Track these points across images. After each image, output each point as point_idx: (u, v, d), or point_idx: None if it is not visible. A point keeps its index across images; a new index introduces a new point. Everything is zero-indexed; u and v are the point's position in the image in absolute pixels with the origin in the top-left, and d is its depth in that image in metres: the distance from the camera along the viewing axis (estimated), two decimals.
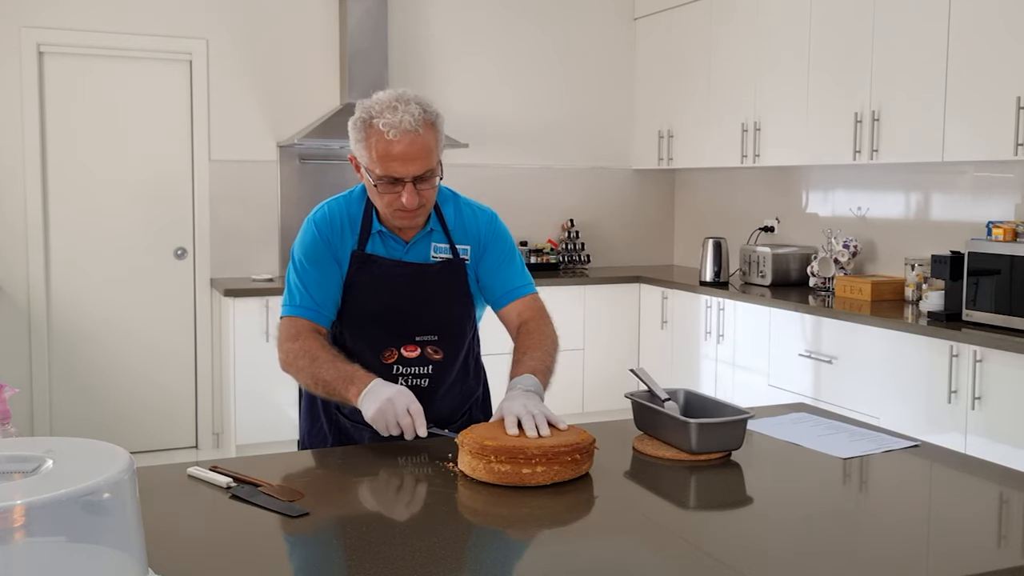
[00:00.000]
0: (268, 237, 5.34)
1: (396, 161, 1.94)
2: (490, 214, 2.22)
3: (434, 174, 2.00)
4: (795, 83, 4.73)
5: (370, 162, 1.97)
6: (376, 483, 1.77)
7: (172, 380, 5.26)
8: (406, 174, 1.95)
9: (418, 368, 2.10)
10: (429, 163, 1.97)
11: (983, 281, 3.66)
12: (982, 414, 3.47)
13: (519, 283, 2.20)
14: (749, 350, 4.67)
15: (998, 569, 1.35)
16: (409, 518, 1.59)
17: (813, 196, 5.20)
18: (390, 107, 1.93)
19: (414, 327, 2.10)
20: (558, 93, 5.97)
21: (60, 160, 5.00)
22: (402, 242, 2.11)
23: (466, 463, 1.71)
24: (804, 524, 1.55)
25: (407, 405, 1.86)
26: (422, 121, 1.94)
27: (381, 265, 2.09)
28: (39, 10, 4.89)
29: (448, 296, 2.13)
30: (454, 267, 2.13)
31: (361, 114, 1.98)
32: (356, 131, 1.99)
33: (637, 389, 2.09)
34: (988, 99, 3.73)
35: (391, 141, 1.92)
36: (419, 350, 2.10)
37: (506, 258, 2.20)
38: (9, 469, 1.09)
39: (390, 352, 2.09)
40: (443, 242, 2.13)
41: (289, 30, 5.35)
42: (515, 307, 2.18)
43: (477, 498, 1.62)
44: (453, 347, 2.14)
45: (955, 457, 1.97)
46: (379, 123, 1.93)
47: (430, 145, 1.97)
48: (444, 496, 1.64)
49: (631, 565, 1.39)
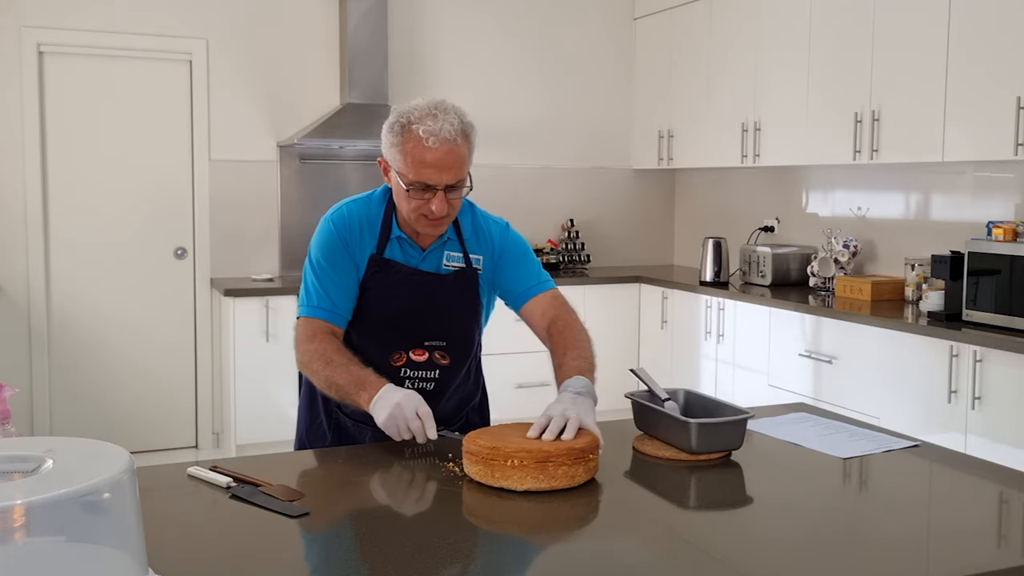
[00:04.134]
0: (268, 237, 5.34)
1: (431, 168, 1.95)
2: (503, 223, 2.24)
3: (463, 184, 2.01)
4: (795, 83, 4.73)
5: (404, 167, 1.97)
6: (376, 483, 1.78)
7: (172, 380, 5.26)
8: (439, 182, 1.96)
9: (425, 372, 2.12)
10: (461, 174, 1.99)
11: (983, 281, 3.66)
12: (982, 414, 3.47)
13: (537, 280, 2.21)
14: (749, 350, 4.67)
15: (998, 569, 1.35)
16: (409, 518, 1.59)
17: (813, 196, 5.20)
18: (430, 114, 1.94)
19: (424, 333, 2.12)
20: (558, 93, 5.97)
21: (60, 160, 5.00)
22: (419, 249, 2.12)
23: (467, 469, 1.71)
24: (804, 524, 1.55)
25: (416, 408, 1.87)
26: (460, 131, 1.96)
27: (399, 271, 2.11)
28: (39, 10, 4.89)
29: (459, 305, 2.15)
30: (467, 277, 2.15)
31: (398, 119, 1.98)
32: (392, 135, 1.99)
33: (637, 389, 2.09)
34: (988, 99, 3.73)
35: (428, 148, 1.93)
36: (427, 354, 2.12)
37: (521, 259, 2.21)
38: (9, 469, 1.09)
39: (399, 355, 2.11)
40: (457, 251, 2.15)
41: (289, 30, 5.35)
42: (537, 304, 2.18)
43: (477, 498, 1.63)
44: (460, 353, 2.17)
45: (955, 457, 1.97)
46: (418, 129, 1.94)
47: (464, 156, 1.99)
48: (444, 496, 1.64)
49: (631, 565, 1.39)
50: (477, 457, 1.66)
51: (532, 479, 1.63)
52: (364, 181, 5.52)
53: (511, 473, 1.63)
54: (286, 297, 4.82)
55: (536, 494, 1.63)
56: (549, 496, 1.62)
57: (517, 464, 1.62)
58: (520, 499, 1.61)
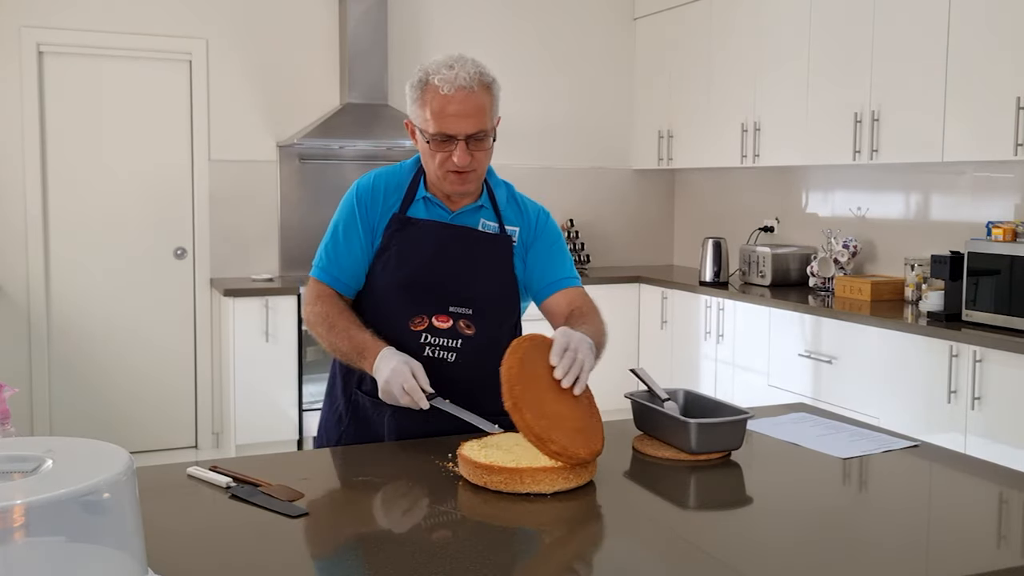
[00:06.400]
0: (268, 237, 5.34)
1: (450, 118, 1.93)
2: (543, 208, 2.20)
3: (487, 135, 1.98)
4: (795, 83, 4.73)
5: (424, 121, 1.96)
6: (376, 483, 1.77)
7: (172, 380, 5.26)
8: (459, 131, 1.93)
9: (447, 340, 2.01)
10: (482, 123, 1.95)
11: (983, 281, 3.66)
12: (982, 414, 3.47)
13: (568, 274, 2.15)
14: (749, 350, 4.67)
15: (998, 569, 1.34)
16: (409, 518, 1.59)
17: (813, 196, 5.20)
18: (446, 65, 1.95)
19: (448, 296, 2.02)
20: (558, 93, 5.97)
21: (60, 160, 5.00)
22: (448, 210, 2.06)
23: (465, 472, 1.70)
24: (804, 524, 1.55)
25: (401, 383, 1.85)
26: (477, 80, 1.95)
27: (421, 227, 2.04)
28: (39, 10, 4.89)
29: (489, 268, 2.06)
30: (500, 241, 2.07)
31: (418, 74, 1.99)
32: (412, 91, 1.99)
33: (637, 389, 2.09)
34: (988, 99, 3.73)
35: (445, 97, 1.92)
36: (451, 322, 2.01)
37: (556, 249, 2.15)
38: (9, 469, 1.09)
39: (420, 319, 2.01)
40: (492, 219, 2.09)
41: (289, 30, 5.35)
42: (564, 297, 2.12)
43: (476, 498, 1.62)
44: (488, 325, 2.04)
45: (955, 457, 1.97)
46: (435, 79, 1.94)
47: (484, 105, 1.95)
48: (444, 496, 1.64)
49: (631, 565, 1.39)
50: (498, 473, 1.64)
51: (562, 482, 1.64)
52: None
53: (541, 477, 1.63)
54: (286, 297, 4.83)
55: (536, 494, 1.62)
56: (549, 496, 1.62)
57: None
58: (520, 499, 1.61)
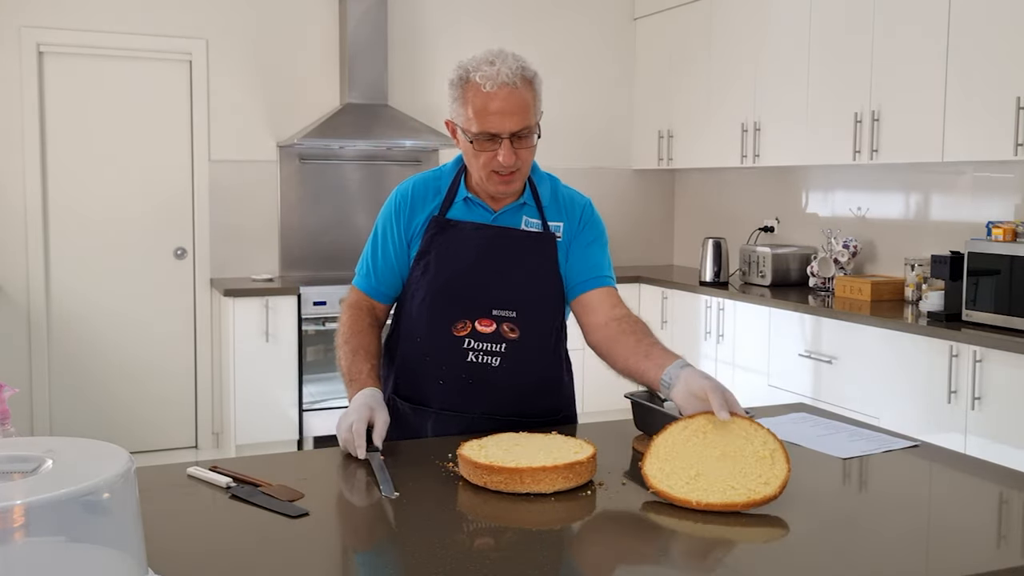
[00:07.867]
0: (268, 237, 5.34)
1: (493, 116, 1.87)
2: (588, 200, 2.15)
3: (531, 132, 1.92)
4: (795, 83, 4.73)
5: (466, 120, 1.90)
6: (376, 483, 1.77)
7: (172, 380, 5.26)
8: (503, 129, 1.88)
9: (491, 345, 1.98)
10: (527, 120, 1.90)
11: (983, 281, 3.66)
12: (982, 414, 3.47)
13: (608, 272, 2.10)
14: (749, 350, 4.67)
15: (998, 569, 1.34)
16: (409, 518, 1.59)
17: (813, 196, 5.20)
18: (487, 62, 1.89)
19: (492, 299, 1.98)
20: (558, 93, 5.96)
21: (60, 160, 5.00)
22: (490, 210, 2.02)
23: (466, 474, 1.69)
24: (804, 524, 1.55)
25: (351, 424, 1.80)
26: (519, 76, 1.89)
27: (460, 229, 2.01)
28: (39, 10, 4.90)
29: (533, 269, 2.02)
30: (544, 240, 2.03)
31: (458, 72, 1.92)
32: (453, 89, 1.92)
33: (637, 389, 2.08)
34: (988, 99, 3.73)
35: (488, 94, 1.86)
36: (495, 325, 1.98)
37: (598, 243, 2.10)
38: (9, 469, 1.09)
39: (463, 324, 1.98)
40: (535, 217, 2.04)
41: (289, 30, 5.35)
42: (601, 295, 2.06)
43: (476, 498, 1.62)
44: (533, 328, 2.01)
45: (955, 457, 1.97)
46: (476, 76, 1.88)
47: (527, 101, 1.90)
48: (444, 496, 1.64)
49: (631, 565, 1.39)
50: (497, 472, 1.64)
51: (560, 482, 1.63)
52: (364, 181, 5.52)
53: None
54: (286, 297, 4.83)
55: (536, 494, 1.62)
56: (548, 497, 1.62)
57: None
58: (520, 499, 1.61)
